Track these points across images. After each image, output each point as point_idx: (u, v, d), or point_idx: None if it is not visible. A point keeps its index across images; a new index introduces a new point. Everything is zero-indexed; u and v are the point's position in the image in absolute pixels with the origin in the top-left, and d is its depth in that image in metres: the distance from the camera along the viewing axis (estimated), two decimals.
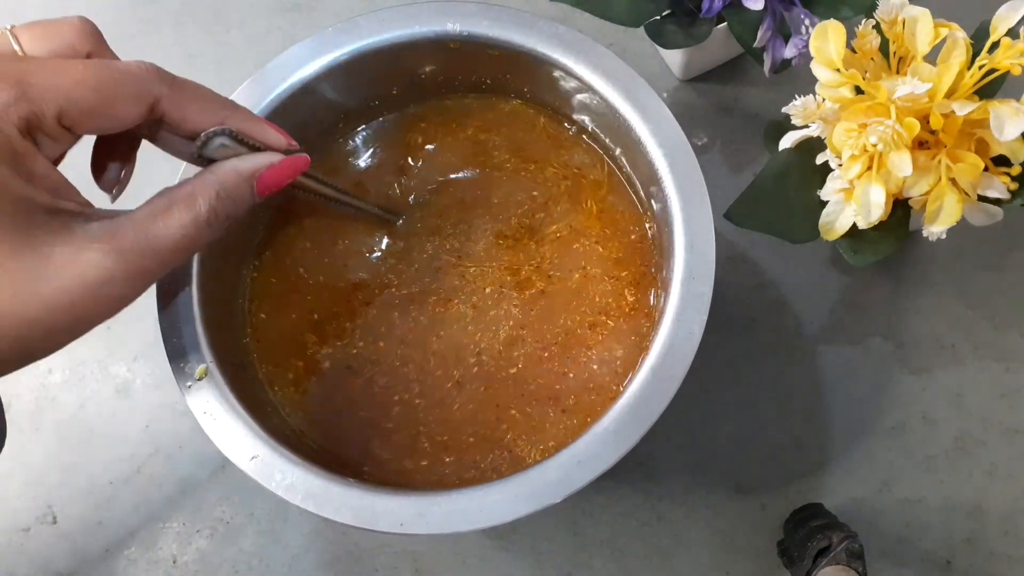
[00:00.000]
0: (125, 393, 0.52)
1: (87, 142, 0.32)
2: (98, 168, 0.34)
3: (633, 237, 0.44)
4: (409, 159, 0.46)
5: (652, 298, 0.43)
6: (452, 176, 0.46)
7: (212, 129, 0.31)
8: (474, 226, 0.45)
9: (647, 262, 0.44)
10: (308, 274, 0.45)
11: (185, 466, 0.50)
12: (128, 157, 0.34)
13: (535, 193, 0.46)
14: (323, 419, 0.42)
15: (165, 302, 0.38)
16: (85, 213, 0.28)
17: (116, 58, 0.32)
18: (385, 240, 0.45)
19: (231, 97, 0.41)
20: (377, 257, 0.45)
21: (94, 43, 0.31)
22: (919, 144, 0.42)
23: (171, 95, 0.30)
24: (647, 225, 0.44)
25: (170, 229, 0.29)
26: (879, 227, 0.42)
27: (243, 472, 0.36)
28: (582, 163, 0.46)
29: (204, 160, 0.32)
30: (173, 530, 0.49)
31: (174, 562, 0.49)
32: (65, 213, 0.27)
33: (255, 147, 0.33)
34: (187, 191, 0.30)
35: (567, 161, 0.46)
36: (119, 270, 0.28)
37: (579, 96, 0.43)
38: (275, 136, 0.33)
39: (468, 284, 0.44)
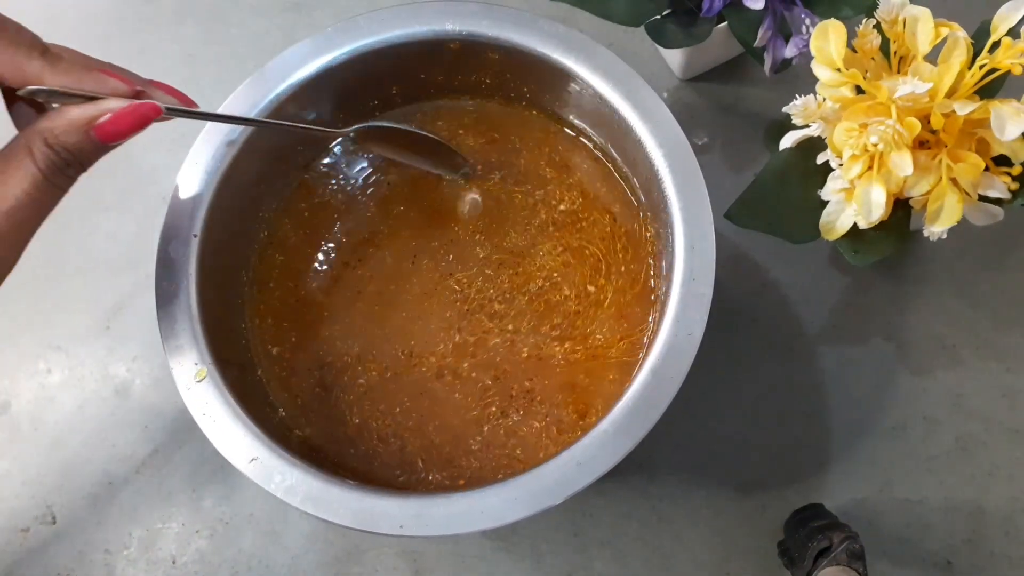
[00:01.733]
0: (124, 393, 0.52)
1: None
2: None
3: (633, 237, 0.44)
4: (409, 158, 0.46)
5: (652, 298, 0.43)
6: (452, 176, 0.46)
7: (30, 89, 0.29)
8: (473, 225, 0.45)
9: (647, 262, 0.44)
10: (307, 276, 0.44)
11: (185, 466, 0.50)
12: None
13: (534, 193, 0.46)
14: (323, 420, 0.42)
15: (165, 303, 0.38)
16: None
17: None
18: (384, 242, 0.45)
19: (229, 98, 0.41)
20: (377, 259, 0.45)
21: None
22: (920, 144, 0.42)
23: None
24: (647, 225, 0.44)
25: (14, 190, 0.28)
26: (880, 227, 0.42)
27: (243, 473, 0.36)
28: (582, 163, 0.46)
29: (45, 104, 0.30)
30: (173, 530, 0.49)
31: (174, 562, 0.49)
32: None
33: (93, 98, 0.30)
34: (18, 146, 0.29)
35: (567, 161, 0.46)
36: None
37: (579, 96, 0.43)
38: (113, 84, 0.31)
39: (465, 286, 0.44)
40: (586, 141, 0.46)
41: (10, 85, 0.29)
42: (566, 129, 0.46)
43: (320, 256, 0.45)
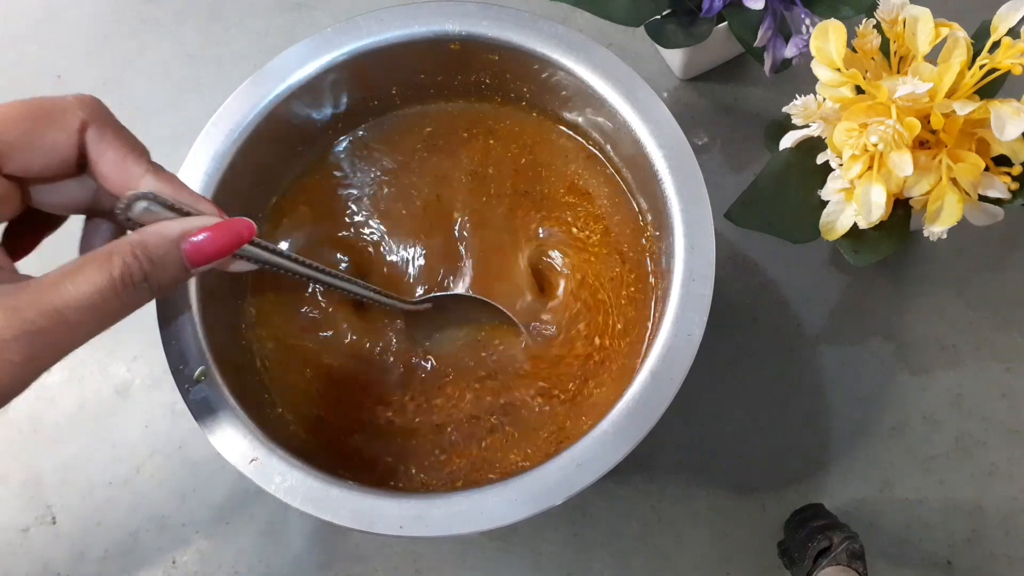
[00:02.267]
0: (124, 393, 0.52)
1: None
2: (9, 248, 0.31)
3: (633, 237, 0.44)
4: (407, 158, 0.46)
5: (652, 298, 0.43)
6: (450, 175, 0.46)
7: (134, 192, 0.28)
8: (473, 225, 0.45)
9: (647, 262, 0.44)
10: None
11: (185, 466, 0.50)
12: (40, 237, 0.32)
13: (534, 193, 0.46)
14: (322, 420, 0.42)
15: (165, 303, 0.38)
16: None
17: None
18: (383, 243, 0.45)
19: (229, 98, 0.41)
20: (378, 258, 0.45)
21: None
22: (920, 144, 0.42)
23: (96, 129, 0.28)
24: (647, 225, 0.44)
25: (78, 288, 0.26)
26: (880, 227, 0.42)
27: (243, 473, 0.36)
28: (582, 163, 0.46)
29: (133, 224, 0.29)
30: (173, 530, 0.49)
31: (174, 562, 0.49)
32: None
33: (186, 213, 0.30)
34: (104, 250, 0.27)
35: (567, 161, 0.46)
36: (11, 331, 0.25)
37: (579, 96, 0.43)
38: (207, 205, 0.30)
39: (463, 283, 0.44)
40: (584, 141, 0.46)
41: (113, 188, 0.29)
42: (566, 128, 0.46)
43: (320, 256, 0.45)
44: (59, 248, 0.32)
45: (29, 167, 0.28)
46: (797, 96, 0.43)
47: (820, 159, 0.44)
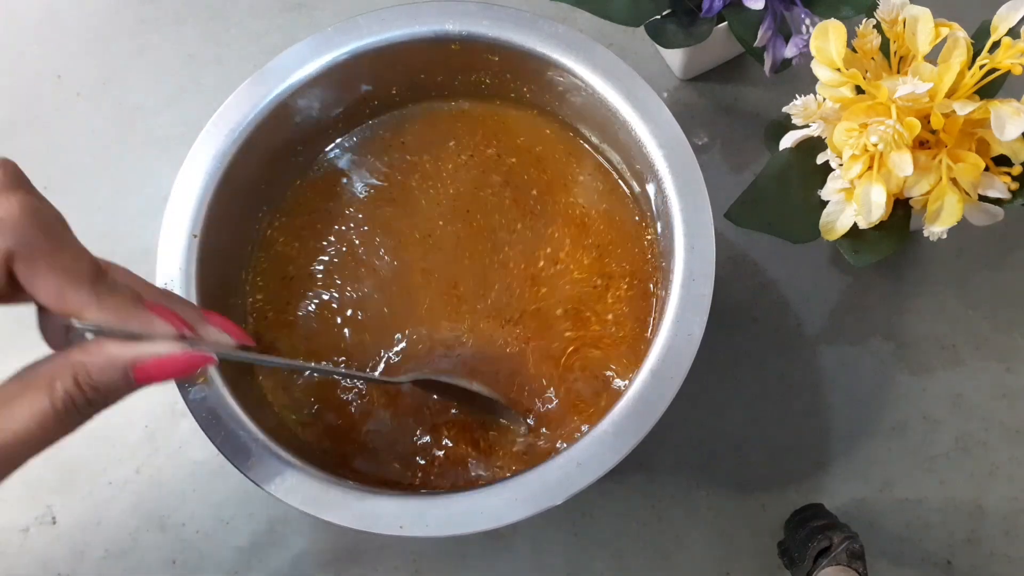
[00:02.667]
0: None
1: None
2: None
3: (633, 237, 0.44)
4: (406, 158, 0.46)
5: (652, 298, 0.43)
6: (451, 175, 0.46)
7: (75, 324, 0.26)
8: (472, 225, 0.45)
9: (647, 262, 0.44)
10: (307, 276, 0.44)
11: (185, 466, 0.50)
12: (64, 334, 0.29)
13: (534, 194, 0.46)
14: (322, 420, 0.42)
15: None
16: None
17: (22, 192, 0.26)
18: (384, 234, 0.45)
19: (230, 98, 0.41)
20: (378, 259, 0.45)
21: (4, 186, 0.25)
22: (920, 144, 0.42)
23: (24, 263, 0.25)
24: (647, 225, 0.44)
25: (17, 421, 0.25)
26: (880, 227, 0.42)
27: (243, 473, 0.36)
28: (582, 163, 0.46)
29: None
30: (173, 530, 0.49)
31: (174, 562, 0.49)
32: None
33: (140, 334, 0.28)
34: (44, 374, 0.26)
35: (567, 161, 0.46)
36: None
37: (579, 96, 0.43)
38: (160, 327, 0.28)
39: (464, 284, 0.44)
40: (584, 142, 0.46)
41: (52, 312, 0.27)
42: (566, 129, 0.46)
43: (320, 255, 0.45)
44: None
45: None
46: (797, 96, 0.43)
47: (820, 159, 0.44)
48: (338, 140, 0.47)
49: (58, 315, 0.26)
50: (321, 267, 0.44)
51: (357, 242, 0.45)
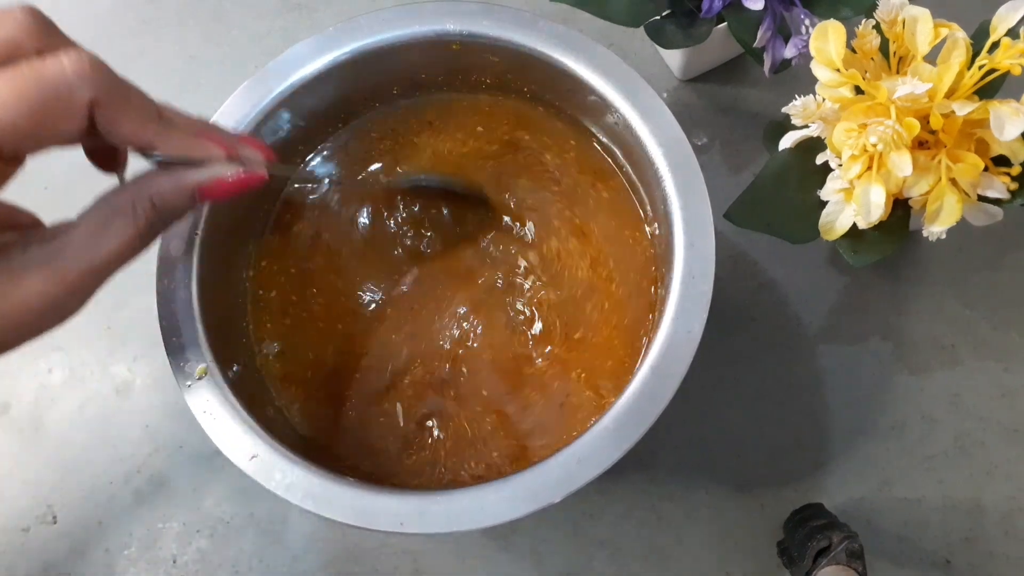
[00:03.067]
0: (125, 393, 0.52)
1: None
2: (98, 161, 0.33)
3: (633, 237, 0.44)
4: (407, 157, 0.46)
5: (652, 297, 0.43)
6: (450, 175, 0.46)
7: (147, 154, 0.30)
8: (472, 226, 0.45)
9: (647, 261, 0.44)
10: (309, 274, 0.45)
11: (185, 466, 0.50)
12: (114, 159, 0.33)
13: (534, 193, 0.46)
14: (323, 418, 0.42)
15: (165, 302, 0.38)
16: (22, 241, 0.28)
17: (68, 43, 0.30)
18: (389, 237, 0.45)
19: (231, 97, 0.41)
20: (379, 257, 0.45)
21: (43, 37, 0.28)
22: (919, 144, 0.42)
23: (105, 103, 0.28)
24: (647, 225, 0.44)
25: (110, 245, 0.29)
26: (879, 227, 0.42)
27: (243, 472, 0.36)
28: (582, 164, 0.46)
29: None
30: (173, 530, 0.49)
31: (174, 562, 0.49)
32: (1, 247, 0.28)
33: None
34: (125, 201, 0.29)
35: (567, 162, 0.46)
36: (61, 293, 0.28)
37: (579, 96, 0.43)
38: (215, 151, 0.32)
39: (468, 284, 0.44)
40: (585, 141, 0.46)
41: (128, 149, 0.31)
42: (566, 129, 0.46)
43: (321, 255, 0.45)
44: None
45: (41, 148, 0.28)
46: (796, 96, 0.43)
47: (819, 159, 0.44)
48: (338, 140, 0.47)
49: (134, 149, 0.30)
50: (320, 265, 0.45)
51: (361, 240, 0.45)
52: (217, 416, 0.37)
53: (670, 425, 0.49)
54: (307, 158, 0.46)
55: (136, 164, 0.31)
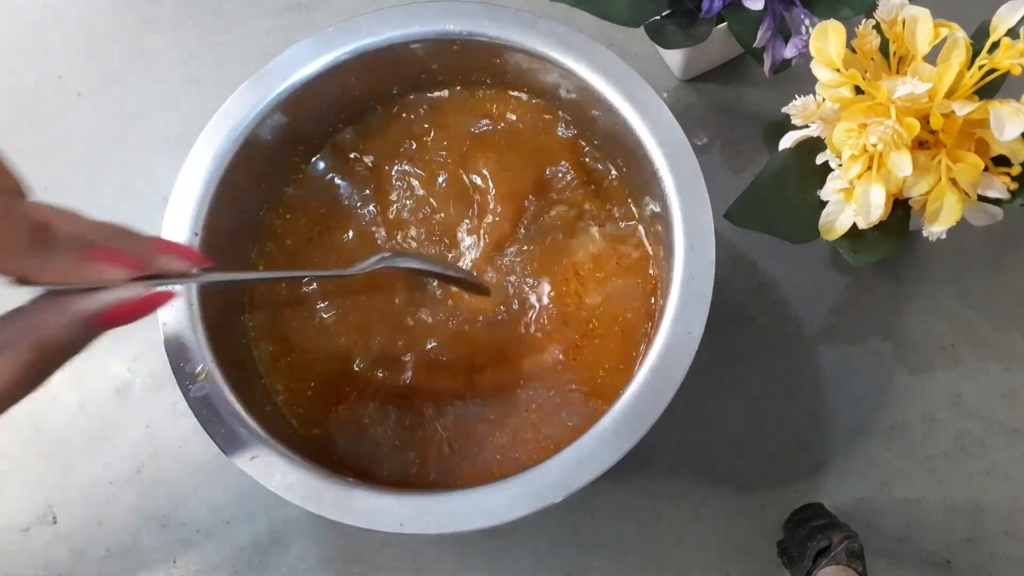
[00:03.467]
0: (125, 393, 0.52)
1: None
2: None
3: (633, 237, 0.44)
4: (408, 157, 0.46)
5: (652, 298, 0.43)
6: (450, 175, 0.46)
7: (27, 283, 0.27)
8: (472, 227, 0.45)
9: (647, 262, 0.44)
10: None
11: (185, 466, 0.50)
12: None
13: (534, 193, 0.46)
14: (323, 418, 0.42)
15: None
16: None
17: None
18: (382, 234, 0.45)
19: (231, 98, 0.41)
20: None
21: None
22: (919, 144, 0.42)
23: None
24: (647, 225, 0.44)
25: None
26: (879, 227, 0.42)
27: (243, 472, 0.36)
28: (582, 163, 0.46)
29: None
30: (173, 530, 0.49)
31: (174, 562, 0.49)
32: None
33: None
34: (12, 337, 0.27)
35: (567, 162, 0.46)
36: None
37: (579, 96, 0.43)
38: (111, 274, 0.28)
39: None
40: (584, 143, 0.46)
41: (7, 277, 0.27)
42: (565, 129, 0.46)
43: (320, 254, 0.45)
44: None
45: None
46: (797, 96, 0.43)
47: (819, 159, 0.44)
48: (339, 140, 0.47)
49: (16, 281, 0.27)
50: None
51: (359, 239, 0.45)
52: (217, 416, 0.37)
53: (670, 425, 0.49)
54: (307, 158, 0.46)
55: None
